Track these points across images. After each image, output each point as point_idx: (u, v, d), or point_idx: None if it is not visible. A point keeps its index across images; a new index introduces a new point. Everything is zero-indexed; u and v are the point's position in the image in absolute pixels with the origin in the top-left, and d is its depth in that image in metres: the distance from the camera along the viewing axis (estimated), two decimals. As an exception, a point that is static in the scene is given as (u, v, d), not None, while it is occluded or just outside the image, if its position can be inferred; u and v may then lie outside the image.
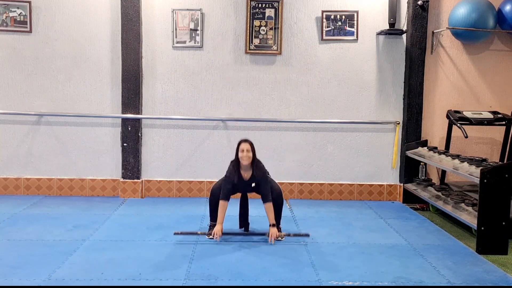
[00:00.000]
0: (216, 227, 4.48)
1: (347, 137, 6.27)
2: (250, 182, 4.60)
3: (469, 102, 6.27)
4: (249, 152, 4.52)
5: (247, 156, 4.50)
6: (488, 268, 4.03)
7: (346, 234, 4.86)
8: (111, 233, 4.72)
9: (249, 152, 4.51)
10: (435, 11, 6.19)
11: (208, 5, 6.09)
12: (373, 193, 6.30)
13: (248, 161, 4.52)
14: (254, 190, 4.66)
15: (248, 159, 4.51)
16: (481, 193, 4.36)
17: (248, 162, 4.52)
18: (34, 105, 6.10)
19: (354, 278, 3.75)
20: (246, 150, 4.51)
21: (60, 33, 6.06)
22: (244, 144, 4.54)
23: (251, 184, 4.60)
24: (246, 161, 4.51)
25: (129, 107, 6.05)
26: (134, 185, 6.13)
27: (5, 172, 6.15)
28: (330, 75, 6.20)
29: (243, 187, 4.67)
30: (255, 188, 4.62)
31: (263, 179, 4.57)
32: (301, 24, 6.15)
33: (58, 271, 3.74)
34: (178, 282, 3.60)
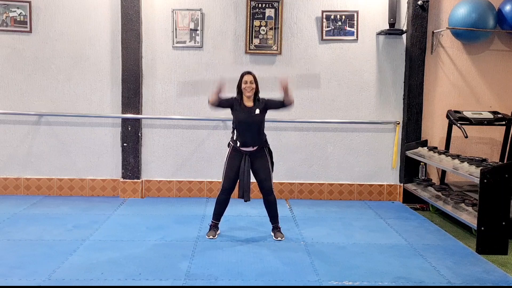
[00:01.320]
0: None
1: (347, 137, 6.27)
2: (253, 109, 4.50)
3: (469, 102, 6.27)
4: (253, 83, 4.47)
5: (250, 87, 4.45)
6: (488, 268, 4.03)
7: (346, 234, 4.86)
8: (111, 233, 4.72)
9: (252, 83, 4.47)
10: (435, 11, 6.19)
11: (208, 5, 6.09)
12: (373, 193, 6.30)
13: (252, 93, 4.47)
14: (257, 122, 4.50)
15: (252, 90, 4.46)
16: (481, 193, 4.36)
17: (251, 93, 4.47)
18: (34, 105, 6.10)
19: (354, 278, 3.75)
20: (249, 82, 4.46)
21: (60, 33, 6.06)
22: (247, 76, 4.49)
23: (254, 111, 4.49)
24: (249, 92, 4.46)
25: (129, 107, 6.05)
26: (134, 185, 6.13)
27: (5, 172, 6.15)
28: (330, 75, 6.20)
29: (246, 116, 4.50)
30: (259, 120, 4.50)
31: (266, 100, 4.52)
32: (301, 24, 6.15)
33: (58, 271, 3.74)
34: (178, 282, 3.60)
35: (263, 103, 4.54)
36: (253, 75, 4.53)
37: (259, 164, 4.54)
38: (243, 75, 4.53)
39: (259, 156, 4.55)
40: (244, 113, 4.51)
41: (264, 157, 4.57)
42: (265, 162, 4.56)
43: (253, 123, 4.50)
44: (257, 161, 4.55)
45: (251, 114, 4.49)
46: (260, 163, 4.55)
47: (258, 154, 4.55)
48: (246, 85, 4.47)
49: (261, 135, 4.58)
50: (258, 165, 4.54)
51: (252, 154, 4.54)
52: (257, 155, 4.55)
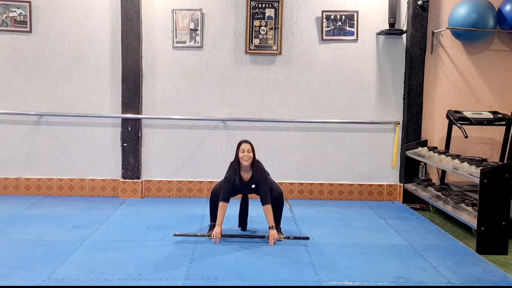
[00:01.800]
0: (215, 229, 4.48)
1: (347, 137, 6.27)
2: (250, 183, 4.59)
3: (469, 102, 6.27)
4: (250, 152, 4.52)
5: (247, 157, 4.50)
6: (488, 268, 4.03)
7: (346, 234, 4.85)
8: (111, 233, 4.72)
9: (249, 152, 4.51)
10: (435, 11, 6.19)
11: (208, 5, 6.09)
12: (373, 193, 6.30)
13: (249, 162, 4.52)
14: (254, 191, 4.65)
15: (249, 159, 4.51)
16: (481, 193, 4.36)
17: (248, 162, 4.52)
18: (34, 105, 6.10)
19: (354, 278, 3.75)
20: (246, 151, 4.51)
21: (60, 33, 6.06)
22: (245, 145, 4.54)
23: (251, 185, 4.60)
24: (247, 162, 4.51)
25: (129, 107, 6.05)
26: (134, 185, 6.13)
27: (5, 172, 6.15)
28: (330, 75, 6.20)
29: (243, 188, 4.66)
30: (255, 189, 4.62)
31: (263, 180, 4.56)
32: (301, 24, 6.15)
33: (58, 271, 3.74)
34: (178, 282, 3.60)
35: (257, 180, 4.57)
36: (250, 144, 4.57)
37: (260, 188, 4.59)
38: (240, 144, 4.58)
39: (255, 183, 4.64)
40: (242, 188, 4.65)
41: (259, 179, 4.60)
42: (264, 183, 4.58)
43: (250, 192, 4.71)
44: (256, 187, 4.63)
45: (248, 188, 4.63)
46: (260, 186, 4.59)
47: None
48: (243, 154, 4.51)
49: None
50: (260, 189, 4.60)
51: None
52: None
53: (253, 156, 4.55)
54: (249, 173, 4.59)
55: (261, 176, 4.57)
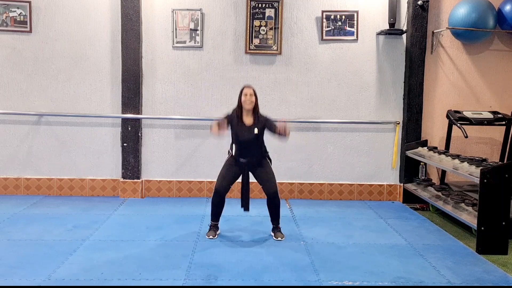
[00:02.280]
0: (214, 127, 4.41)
1: (347, 137, 6.27)
2: (252, 128, 4.48)
3: (469, 102, 6.27)
4: (252, 96, 4.47)
5: (250, 100, 4.45)
6: (488, 268, 4.03)
7: (346, 234, 4.86)
8: (111, 233, 4.72)
9: (252, 96, 4.46)
10: (435, 11, 6.19)
11: (208, 5, 6.09)
12: (373, 193, 6.30)
13: (251, 106, 4.46)
14: (255, 140, 4.49)
15: (251, 103, 4.46)
16: (481, 193, 4.36)
17: (251, 106, 4.46)
18: (34, 105, 6.10)
19: (354, 278, 3.75)
20: (249, 95, 4.46)
21: (60, 33, 6.06)
22: (247, 89, 4.49)
23: (253, 130, 4.47)
24: (249, 105, 4.45)
25: (129, 107, 6.05)
26: (134, 185, 6.13)
27: (5, 172, 6.15)
28: (330, 75, 6.20)
29: (245, 134, 4.49)
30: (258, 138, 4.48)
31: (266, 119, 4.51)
32: (301, 24, 6.15)
33: (58, 271, 3.75)
34: (178, 282, 3.60)
35: (262, 122, 4.53)
36: (253, 88, 4.54)
37: (261, 171, 4.57)
38: (243, 88, 4.55)
39: (259, 165, 4.58)
40: (243, 132, 4.50)
41: (264, 164, 4.58)
42: (266, 168, 4.58)
43: (252, 142, 4.51)
44: (258, 169, 4.58)
45: (250, 133, 4.48)
46: (262, 169, 4.57)
47: (258, 163, 4.58)
48: (246, 97, 4.47)
49: (261, 149, 4.62)
50: (260, 171, 4.57)
51: (252, 165, 4.57)
52: (257, 164, 4.58)
53: (256, 100, 4.51)
54: (251, 118, 4.52)
55: (264, 118, 4.52)
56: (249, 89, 4.50)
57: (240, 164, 4.57)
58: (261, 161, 4.59)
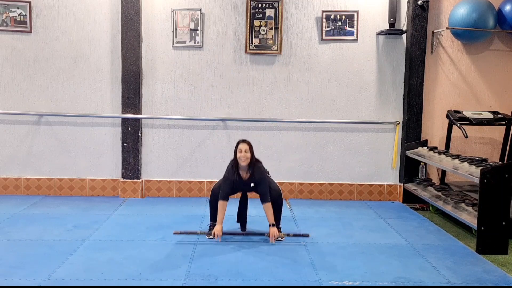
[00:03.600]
0: (216, 227, 4.48)
1: (347, 137, 6.27)
2: (249, 182, 4.59)
3: (469, 102, 6.27)
4: (247, 152, 4.50)
5: (245, 157, 4.49)
6: (488, 268, 4.03)
7: (346, 234, 4.85)
8: (111, 233, 4.72)
9: (247, 152, 4.50)
10: (435, 11, 6.19)
11: (208, 5, 6.09)
12: (373, 193, 6.30)
13: (246, 162, 4.51)
14: (253, 190, 4.65)
15: (246, 159, 4.50)
16: (481, 193, 4.36)
17: (246, 162, 4.51)
18: (34, 105, 6.10)
19: (354, 278, 3.75)
20: (244, 151, 4.50)
21: (60, 33, 6.06)
22: (242, 145, 4.53)
23: (250, 184, 4.60)
24: (244, 162, 4.51)
25: (129, 107, 6.05)
26: (134, 185, 6.13)
27: (5, 172, 6.15)
28: (330, 75, 6.20)
29: (242, 187, 4.66)
30: (254, 188, 4.61)
31: (262, 179, 4.56)
32: (301, 24, 6.15)
33: (58, 271, 3.75)
34: (178, 282, 3.60)
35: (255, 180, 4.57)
36: (248, 143, 4.55)
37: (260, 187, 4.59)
38: (238, 144, 4.57)
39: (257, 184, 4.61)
40: (241, 187, 4.66)
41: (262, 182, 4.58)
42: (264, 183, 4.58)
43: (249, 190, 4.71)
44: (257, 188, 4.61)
45: (247, 187, 4.64)
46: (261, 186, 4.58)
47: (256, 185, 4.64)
48: (241, 154, 4.50)
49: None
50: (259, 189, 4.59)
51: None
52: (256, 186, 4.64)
53: (251, 156, 4.53)
54: (248, 173, 4.59)
55: (259, 175, 4.56)
56: (244, 144, 4.53)
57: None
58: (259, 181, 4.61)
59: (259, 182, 4.56)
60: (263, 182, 4.55)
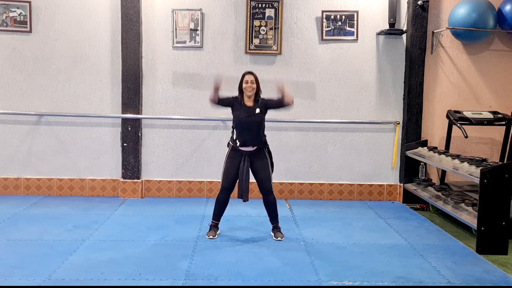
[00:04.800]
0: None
1: (347, 137, 6.27)
2: (254, 108, 4.52)
3: (469, 102, 6.27)
4: (253, 83, 4.49)
5: (251, 87, 4.48)
6: (488, 268, 4.03)
7: (346, 234, 4.85)
8: (111, 233, 4.72)
9: (253, 83, 4.49)
10: (435, 11, 6.19)
11: (208, 5, 6.09)
12: (373, 193, 6.30)
13: (252, 92, 4.50)
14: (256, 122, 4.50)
15: (252, 90, 4.49)
16: (481, 193, 4.36)
17: (252, 93, 4.49)
18: (34, 105, 6.10)
19: (354, 278, 3.75)
20: (250, 82, 4.49)
21: (60, 33, 6.06)
22: (249, 76, 4.52)
23: (254, 110, 4.51)
24: (250, 92, 4.48)
25: (129, 107, 6.05)
26: (134, 185, 6.13)
27: (5, 172, 6.15)
28: (330, 75, 6.20)
29: (246, 115, 4.50)
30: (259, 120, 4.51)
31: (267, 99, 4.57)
32: (301, 24, 6.15)
33: (58, 271, 3.75)
34: (178, 282, 3.60)
35: (263, 103, 4.57)
36: (254, 75, 4.54)
37: (259, 164, 4.54)
38: (244, 75, 4.56)
39: (258, 156, 4.55)
40: (244, 113, 4.52)
41: (264, 158, 4.57)
42: (265, 163, 4.56)
43: (253, 123, 4.51)
44: (257, 162, 4.55)
45: (251, 113, 4.51)
46: (260, 163, 4.55)
47: (258, 154, 4.55)
48: (247, 84, 4.49)
49: (261, 135, 4.58)
50: (258, 165, 4.54)
51: (251, 154, 4.53)
52: (256, 156, 4.55)
53: (257, 86, 4.53)
54: (252, 102, 4.56)
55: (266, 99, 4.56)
56: (250, 75, 4.52)
57: (240, 155, 4.54)
58: (261, 153, 4.57)
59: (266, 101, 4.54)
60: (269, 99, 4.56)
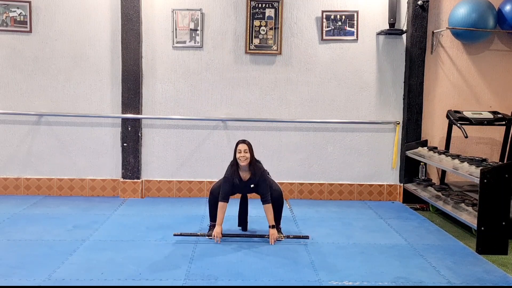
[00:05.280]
0: (215, 229, 4.48)
1: (347, 137, 6.27)
2: (249, 183, 4.59)
3: (469, 102, 6.27)
4: (247, 152, 4.50)
5: (244, 157, 4.49)
6: (488, 268, 4.03)
7: (346, 234, 4.85)
8: (111, 233, 4.72)
9: (246, 152, 4.50)
10: (435, 11, 6.19)
11: (208, 5, 6.09)
12: (373, 193, 6.30)
13: (246, 162, 4.51)
14: (253, 191, 4.65)
15: (246, 160, 4.50)
16: (481, 193, 4.36)
17: (245, 163, 4.51)
18: (34, 105, 6.10)
19: (354, 278, 3.75)
20: (243, 151, 4.49)
21: (60, 33, 6.06)
22: (242, 145, 4.52)
23: (250, 185, 4.59)
24: (244, 162, 4.50)
25: (129, 107, 6.05)
26: (134, 185, 6.13)
27: (5, 172, 6.15)
28: (330, 75, 6.20)
29: (242, 188, 4.66)
30: (254, 189, 4.61)
31: (262, 179, 4.56)
32: (301, 24, 6.15)
33: (58, 271, 3.75)
34: (178, 282, 3.60)
35: (256, 180, 4.56)
36: (247, 143, 4.54)
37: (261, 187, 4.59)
38: (237, 144, 4.57)
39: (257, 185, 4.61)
40: (241, 188, 4.65)
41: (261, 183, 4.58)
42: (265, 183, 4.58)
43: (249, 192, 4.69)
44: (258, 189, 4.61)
45: (248, 188, 4.63)
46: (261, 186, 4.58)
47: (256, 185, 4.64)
48: (240, 154, 4.50)
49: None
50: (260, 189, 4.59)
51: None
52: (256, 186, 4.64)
53: (251, 156, 4.53)
54: (248, 173, 4.58)
55: (260, 175, 4.56)
56: (243, 145, 4.52)
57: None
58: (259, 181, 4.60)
59: (260, 182, 4.55)
60: (263, 182, 4.55)
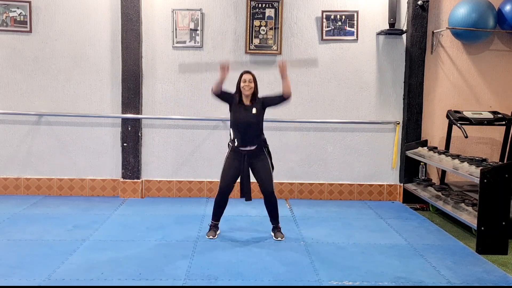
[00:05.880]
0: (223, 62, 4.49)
1: (347, 137, 6.27)
2: (251, 108, 4.50)
3: (469, 102, 6.27)
4: (251, 82, 4.47)
5: (248, 87, 4.45)
6: (488, 268, 4.03)
7: (346, 234, 4.85)
8: (111, 233, 4.72)
9: (251, 82, 4.47)
10: (435, 11, 6.19)
11: (208, 5, 6.09)
12: (373, 193, 6.30)
13: (250, 92, 4.47)
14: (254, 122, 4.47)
15: (250, 89, 4.46)
16: (481, 193, 4.36)
17: (249, 92, 4.46)
18: (34, 105, 6.10)
19: (354, 278, 3.75)
20: (248, 81, 4.46)
21: (60, 33, 6.06)
22: (247, 75, 4.49)
23: (251, 110, 4.49)
24: (248, 91, 4.46)
25: (129, 107, 6.05)
26: (134, 185, 6.13)
27: (5, 172, 6.15)
28: (330, 75, 6.20)
29: (244, 115, 4.48)
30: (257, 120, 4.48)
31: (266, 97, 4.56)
32: (301, 24, 6.15)
33: (58, 271, 3.75)
34: (178, 282, 3.60)
35: (260, 102, 4.55)
36: (252, 74, 4.53)
37: (259, 165, 4.53)
38: (242, 74, 4.54)
39: (258, 157, 4.54)
40: (242, 113, 4.50)
41: (264, 158, 4.55)
42: (265, 163, 4.54)
43: (251, 123, 4.49)
44: (257, 162, 4.53)
45: (249, 113, 4.49)
46: (260, 164, 4.53)
47: (258, 155, 4.54)
48: (244, 83, 4.47)
49: (260, 135, 4.56)
50: (258, 166, 4.53)
51: (251, 154, 4.52)
52: (256, 156, 4.53)
53: (255, 86, 4.51)
54: (249, 102, 4.53)
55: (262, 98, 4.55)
56: (248, 75, 4.50)
57: (239, 155, 4.51)
58: (260, 153, 4.54)
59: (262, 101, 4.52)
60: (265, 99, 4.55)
